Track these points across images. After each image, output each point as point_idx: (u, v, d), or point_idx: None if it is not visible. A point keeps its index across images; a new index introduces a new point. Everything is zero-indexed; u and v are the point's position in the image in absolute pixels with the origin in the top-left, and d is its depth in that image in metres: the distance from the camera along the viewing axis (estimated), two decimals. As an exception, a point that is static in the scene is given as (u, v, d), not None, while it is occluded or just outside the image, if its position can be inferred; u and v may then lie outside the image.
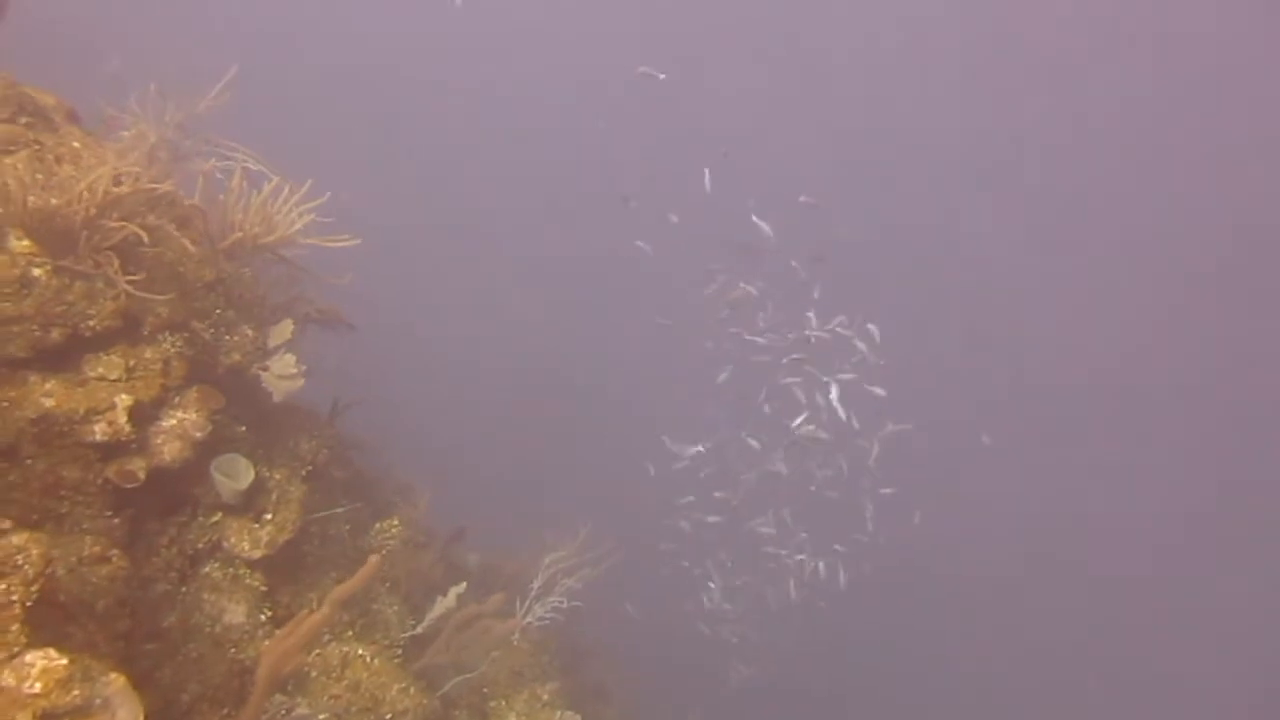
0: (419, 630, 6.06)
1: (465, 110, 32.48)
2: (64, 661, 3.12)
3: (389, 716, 5.20)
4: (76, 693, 3.12)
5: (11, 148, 4.95)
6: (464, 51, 34.17)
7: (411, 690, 5.31)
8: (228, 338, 5.34)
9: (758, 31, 34.09)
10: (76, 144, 5.35)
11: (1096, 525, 26.96)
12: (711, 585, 10.85)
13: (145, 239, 4.54)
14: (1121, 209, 34.47)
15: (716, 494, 10.45)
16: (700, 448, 10.30)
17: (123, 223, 4.48)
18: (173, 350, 4.96)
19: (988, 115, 34.22)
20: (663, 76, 9.71)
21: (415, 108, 30.38)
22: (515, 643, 7.21)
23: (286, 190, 5.29)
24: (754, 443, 9.82)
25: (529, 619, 7.30)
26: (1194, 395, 31.91)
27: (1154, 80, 30.80)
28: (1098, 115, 33.11)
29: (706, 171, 9.85)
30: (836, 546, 10.30)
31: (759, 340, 9.43)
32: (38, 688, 3.05)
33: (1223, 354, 31.69)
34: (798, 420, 9.22)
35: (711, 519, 10.72)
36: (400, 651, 5.88)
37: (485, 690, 6.54)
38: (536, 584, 7.37)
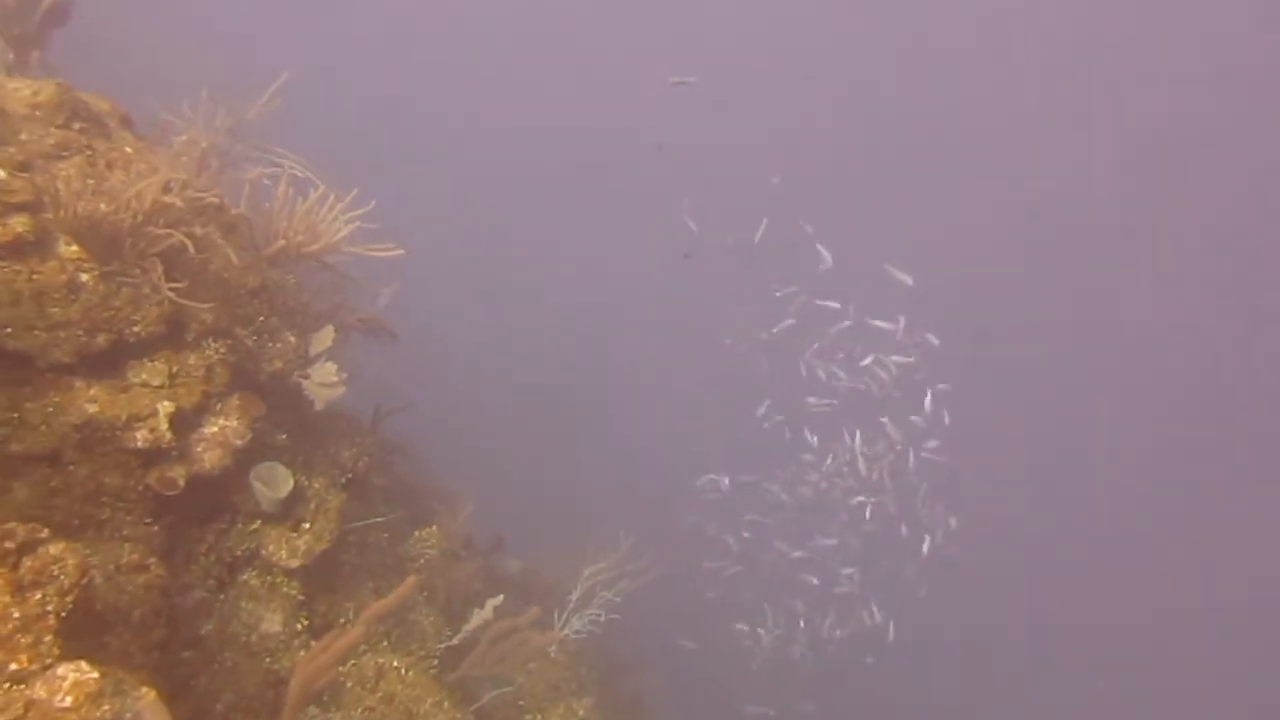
0: (455, 641, 6.01)
1: (509, 114, 32.61)
2: (95, 675, 3.09)
3: (422, 730, 5.16)
4: (107, 707, 3.09)
5: (65, 153, 5.00)
6: (497, 52, 34.38)
7: (445, 704, 5.25)
8: (270, 345, 5.34)
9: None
10: (129, 149, 5.39)
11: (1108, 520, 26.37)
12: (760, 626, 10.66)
13: (190, 246, 4.54)
14: (1121, 209, 33.76)
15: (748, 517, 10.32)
16: (747, 477, 10.17)
17: (168, 230, 4.49)
18: (216, 357, 4.97)
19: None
20: (694, 80, 9.60)
21: (457, 114, 30.59)
22: (553, 655, 7.16)
23: (332, 199, 5.27)
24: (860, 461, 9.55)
25: (566, 631, 7.24)
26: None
27: (1153, 80, 30.17)
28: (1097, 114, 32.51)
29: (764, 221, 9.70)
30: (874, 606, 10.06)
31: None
32: (68, 701, 3.03)
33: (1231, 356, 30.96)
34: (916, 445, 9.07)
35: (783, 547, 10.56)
36: (436, 662, 5.84)
37: (521, 703, 6.47)
38: (575, 596, 7.31)
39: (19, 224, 4.43)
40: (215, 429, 4.83)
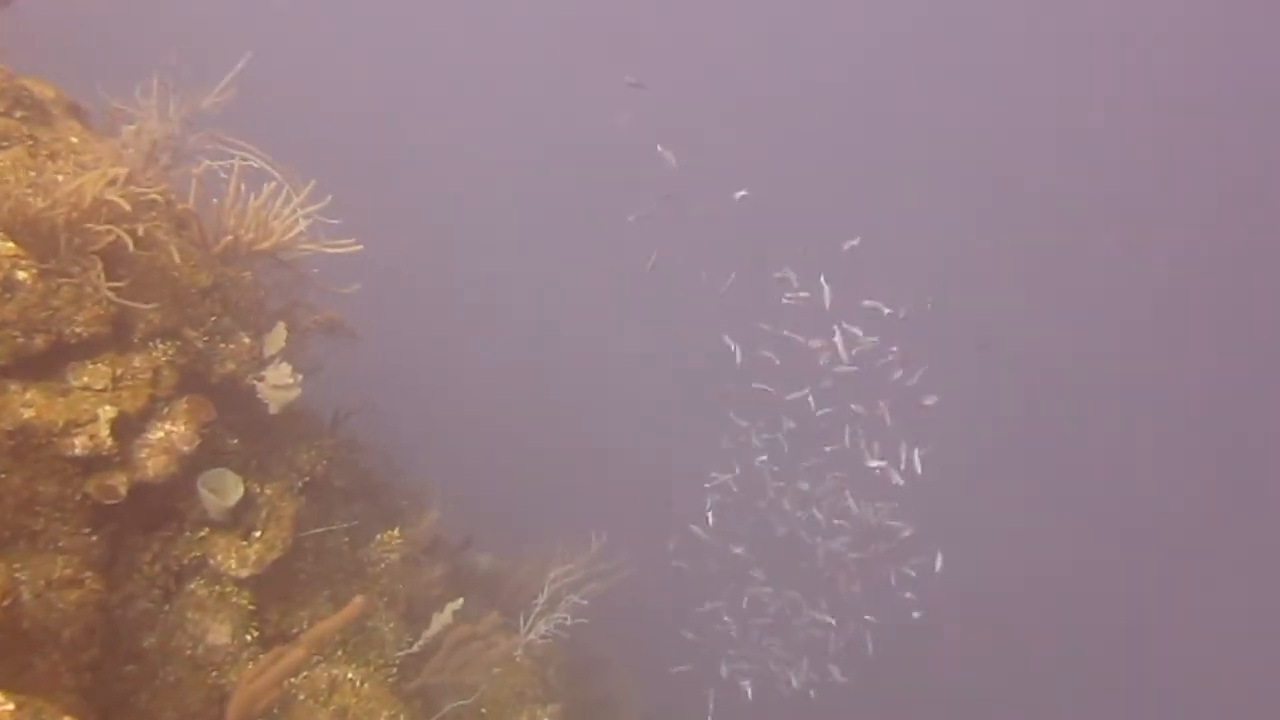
0: (415, 649, 5.86)
1: (471, 111, 32.18)
2: (10, 707, 2.93)
3: (376, 744, 5.02)
4: (23, 740, 2.93)
5: (4, 143, 4.79)
6: (471, 52, 33.96)
7: (401, 717, 5.10)
8: (223, 346, 5.15)
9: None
10: (75, 139, 5.19)
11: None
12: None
13: (130, 243, 4.34)
14: (1120, 207, 33.82)
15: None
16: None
17: (109, 226, 4.29)
18: (163, 359, 4.78)
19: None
20: (635, 82, 9.41)
21: (423, 108, 30.13)
22: (518, 659, 7.02)
23: (285, 193, 5.07)
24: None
25: (532, 635, 7.11)
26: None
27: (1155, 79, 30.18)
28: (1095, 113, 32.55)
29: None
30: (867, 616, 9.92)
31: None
32: (-19, 734, 2.87)
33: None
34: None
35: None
36: (396, 671, 5.70)
37: (484, 711, 6.33)
38: (541, 599, 7.17)
39: (-50, 219, 4.22)
40: (161, 434, 4.64)
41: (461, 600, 6.06)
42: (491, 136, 31.07)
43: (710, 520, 9.99)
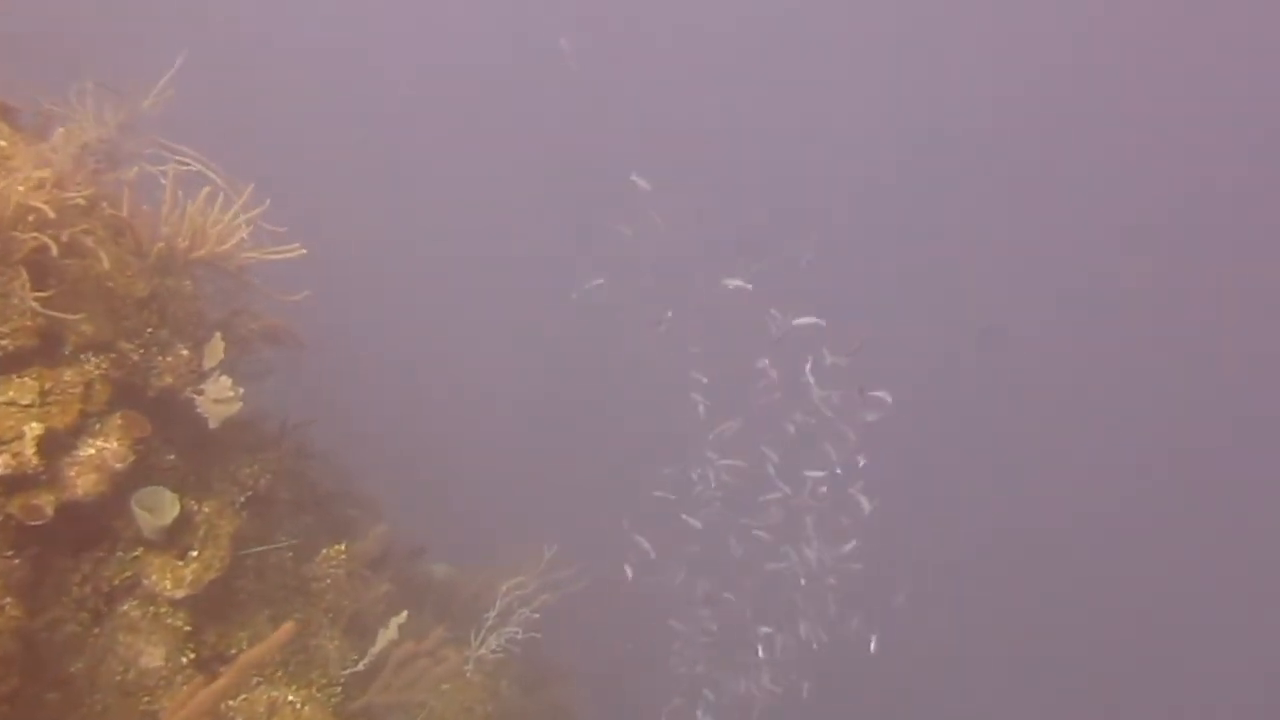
0: (360, 667, 5.73)
1: (428, 105, 31.72)
2: (-87, 750, 2.78)
3: (316, 769, 4.88)
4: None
5: (-74, 147, 4.59)
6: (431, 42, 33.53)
7: (342, 742, 4.98)
8: (160, 358, 4.98)
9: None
10: (3, 143, 4.98)
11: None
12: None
13: (55, 249, 4.17)
14: (1118, 207, 34.18)
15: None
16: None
17: (34, 234, 4.12)
18: (96, 372, 4.61)
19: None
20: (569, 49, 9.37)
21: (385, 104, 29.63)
22: (468, 674, 6.89)
23: (224, 199, 4.92)
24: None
25: (484, 649, 7.00)
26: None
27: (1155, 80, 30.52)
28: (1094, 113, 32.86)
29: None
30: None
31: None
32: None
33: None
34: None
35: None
36: (339, 691, 5.56)
37: (431, 728, 6.21)
38: (492, 613, 7.06)
39: None
40: (92, 451, 4.48)
41: (405, 614, 5.92)
42: (443, 136, 30.68)
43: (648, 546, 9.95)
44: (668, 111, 31.69)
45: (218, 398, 5.06)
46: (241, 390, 5.11)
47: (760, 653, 9.89)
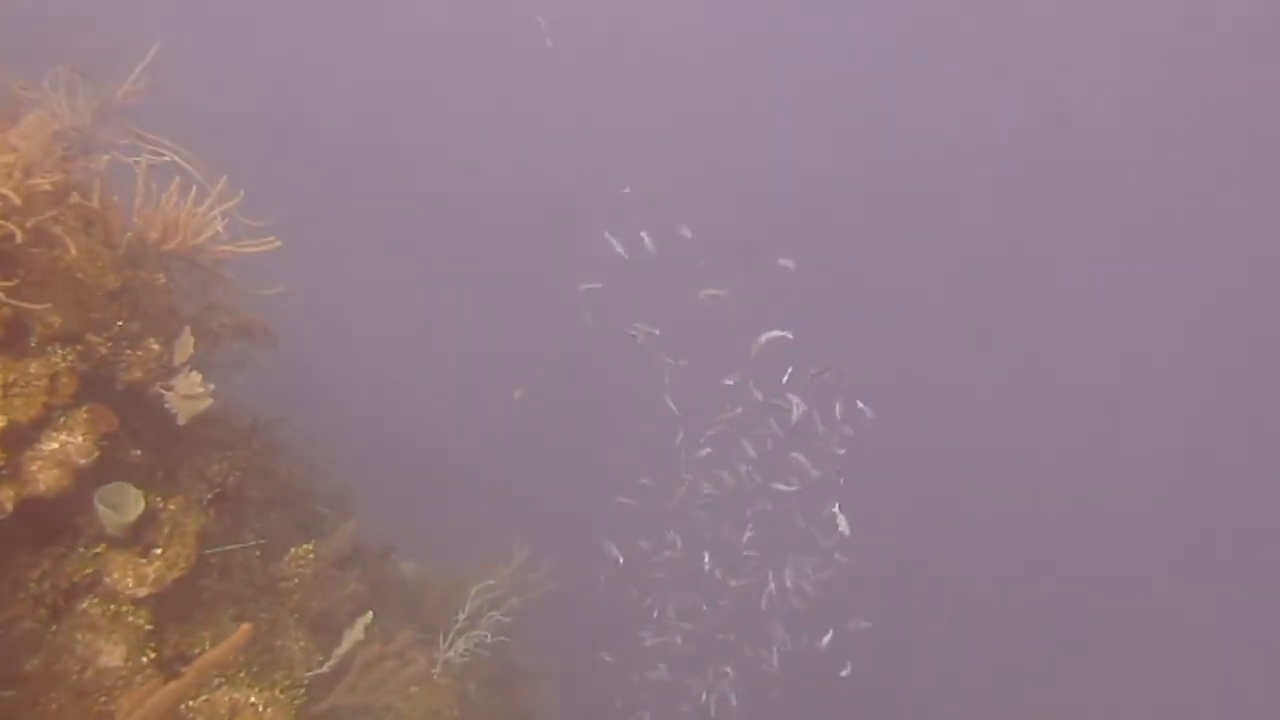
0: (325, 669, 5.66)
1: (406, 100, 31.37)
2: None
3: (277, 773, 4.82)
4: None
5: (-108, 130, 4.49)
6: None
7: (304, 746, 4.92)
8: (129, 352, 4.89)
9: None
10: (-28, 128, 4.88)
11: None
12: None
13: (19, 236, 4.09)
14: (1116, 209, 34.30)
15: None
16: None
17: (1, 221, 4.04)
18: (63, 365, 4.52)
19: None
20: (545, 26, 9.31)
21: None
22: (436, 677, 6.84)
23: (199, 190, 4.84)
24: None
25: (451, 652, 6.96)
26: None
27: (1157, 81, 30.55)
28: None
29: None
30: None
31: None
32: None
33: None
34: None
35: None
36: (304, 692, 5.49)
37: (396, 732, 6.15)
38: (462, 616, 7.02)
39: None
40: (56, 446, 4.39)
41: (371, 615, 5.86)
42: (419, 129, 30.36)
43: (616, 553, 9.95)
44: (664, 112, 31.63)
45: (187, 394, 4.98)
46: (212, 387, 5.04)
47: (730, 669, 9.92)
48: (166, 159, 5.16)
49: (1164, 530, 27.25)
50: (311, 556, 6.04)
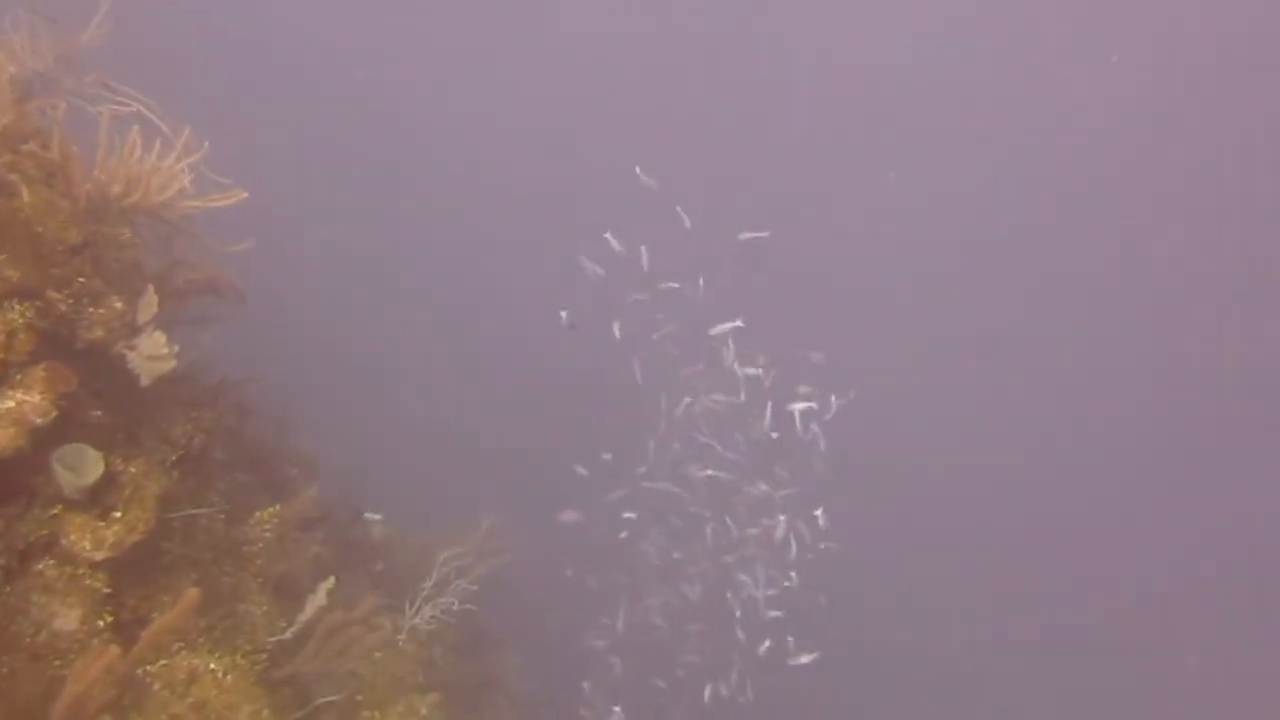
0: (288, 635, 5.61)
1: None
2: None
3: (235, 741, 4.77)
4: None
5: None
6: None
7: (264, 714, 4.87)
8: (91, 310, 4.75)
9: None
10: (-72, 70, 4.68)
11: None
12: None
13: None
14: (1117, 215, 34.13)
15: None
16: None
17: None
18: (20, 321, 4.38)
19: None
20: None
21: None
22: (401, 644, 6.82)
23: (165, 142, 4.68)
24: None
25: (418, 619, 6.93)
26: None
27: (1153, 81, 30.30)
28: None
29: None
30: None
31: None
32: None
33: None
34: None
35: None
36: (266, 658, 5.44)
37: (360, 698, 6.12)
38: (429, 583, 6.98)
39: None
40: (11, 404, 4.27)
41: (334, 580, 5.80)
42: (395, 82, 29.56)
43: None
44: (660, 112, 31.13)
45: (151, 354, 4.86)
46: (177, 347, 4.92)
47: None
48: (133, 109, 4.96)
49: (1164, 539, 27.30)
50: (276, 520, 5.96)
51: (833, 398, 8.85)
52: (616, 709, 9.81)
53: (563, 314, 8.71)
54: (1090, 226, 32.73)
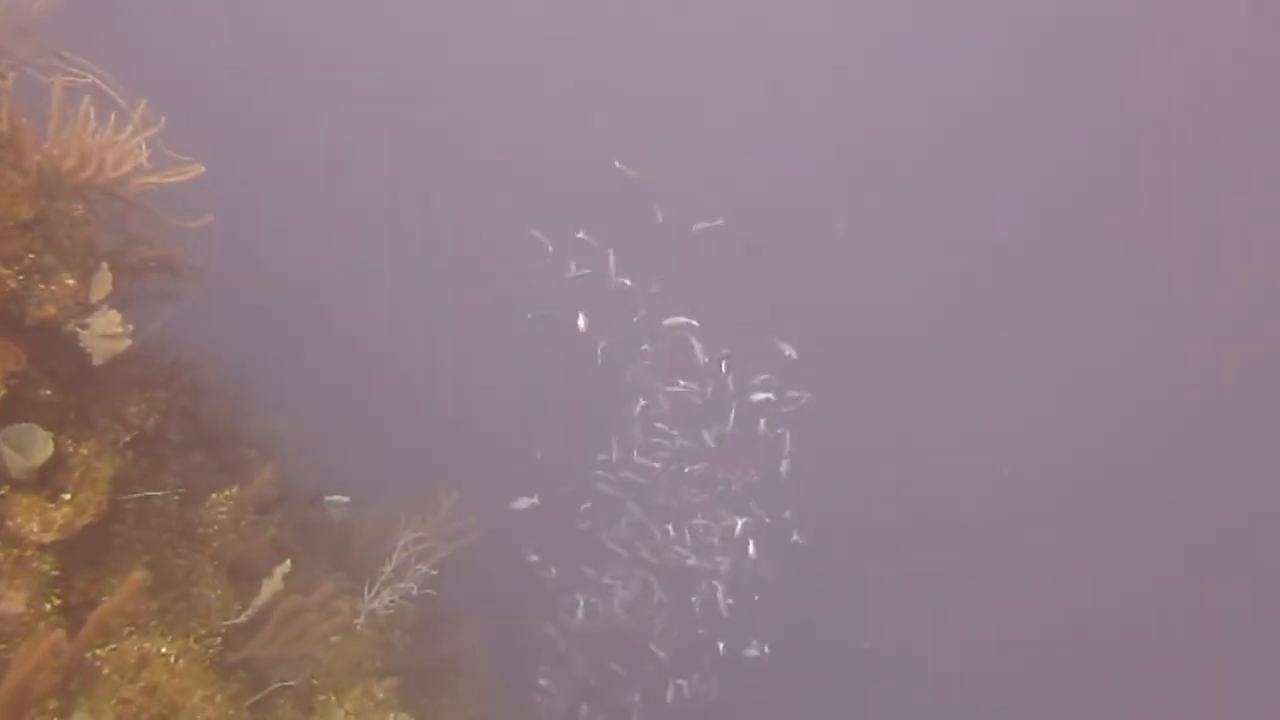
0: (243, 619, 5.55)
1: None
2: None
3: (186, 727, 4.71)
4: None
5: None
6: None
7: (218, 697, 4.81)
8: (42, 287, 4.63)
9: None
10: (-128, 34, 4.52)
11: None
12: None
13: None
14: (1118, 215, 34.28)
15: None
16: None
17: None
18: (-34, 297, 4.27)
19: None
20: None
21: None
22: (359, 628, 6.78)
23: (114, 117, 4.57)
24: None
25: (377, 604, 6.90)
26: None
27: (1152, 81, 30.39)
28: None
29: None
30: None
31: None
32: None
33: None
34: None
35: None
36: (220, 642, 5.38)
37: (316, 683, 6.08)
38: (388, 568, 6.95)
39: None
40: (-43, 382, 4.17)
41: (290, 563, 5.74)
42: (364, 63, 28.95)
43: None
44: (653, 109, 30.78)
45: (104, 333, 4.76)
46: (131, 326, 4.82)
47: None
48: (87, 81, 4.83)
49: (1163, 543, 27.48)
50: (233, 502, 5.88)
51: (791, 393, 8.92)
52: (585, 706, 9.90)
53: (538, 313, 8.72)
54: (1090, 227, 32.94)
